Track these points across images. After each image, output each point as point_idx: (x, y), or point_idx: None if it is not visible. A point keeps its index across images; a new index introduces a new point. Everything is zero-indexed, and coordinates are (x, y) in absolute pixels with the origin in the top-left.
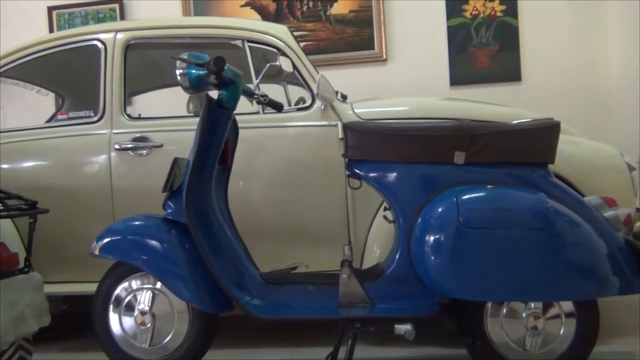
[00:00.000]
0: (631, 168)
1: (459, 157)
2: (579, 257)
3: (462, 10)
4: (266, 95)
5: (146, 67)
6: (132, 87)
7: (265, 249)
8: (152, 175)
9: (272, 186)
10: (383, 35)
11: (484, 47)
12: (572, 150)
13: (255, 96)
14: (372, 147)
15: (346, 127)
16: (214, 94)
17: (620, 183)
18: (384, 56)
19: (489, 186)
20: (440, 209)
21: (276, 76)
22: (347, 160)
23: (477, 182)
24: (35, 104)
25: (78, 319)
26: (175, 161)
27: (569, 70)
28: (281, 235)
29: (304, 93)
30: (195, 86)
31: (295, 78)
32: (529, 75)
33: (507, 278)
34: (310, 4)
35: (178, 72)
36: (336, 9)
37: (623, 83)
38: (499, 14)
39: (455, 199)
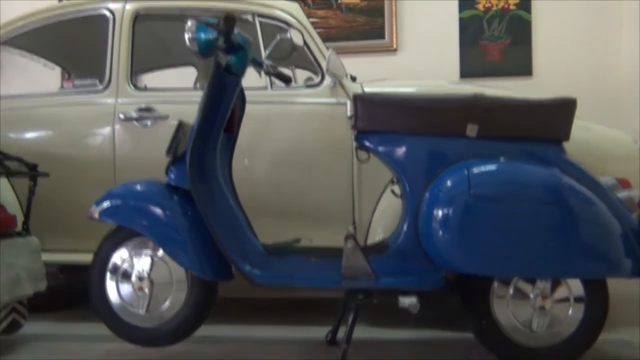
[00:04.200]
0: None
1: (472, 130)
2: (591, 235)
3: (475, 2)
4: (275, 66)
5: (155, 45)
6: (140, 65)
7: (269, 227)
8: (156, 146)
9: (278, 163)
10: (394, 24)
11: (496, 40)
12: (585, 135)
13: (264, 66)
14: (383, 118)
15: (356, 97)
16: None
17: (633, 170)
18: (395, 46)
19: (502, 159)
20: (450, 182)
21: (285, 56)
22: (355, 132)
23: (489, 156)
24: (41, 79)
25: (75, 291)
26: (180, 125)
27: (580, 66)
28: (285, 214)
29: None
30: (204, 50)
31: (303, 61)
32: (540, 70)
33: (516, 253)
34: None
35: (187, 36)
36: None
37: (635, 80)
38: (512, 7)
39: (466, 172)
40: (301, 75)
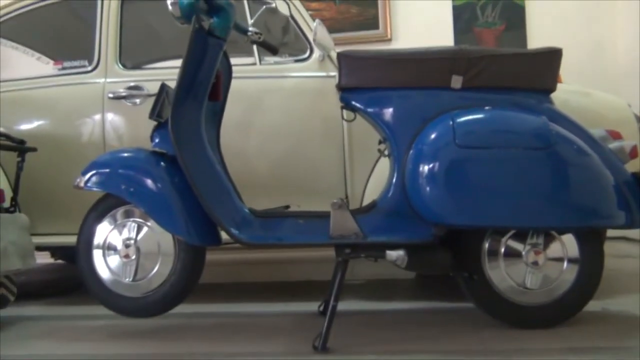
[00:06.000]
0: (639, 119)
1: (456, 82)
2: (583, 184)
3: None
4: (260, 33)
5: (147, 37)
6: (131, 60)
7: (260, 201)
8: (144, 124)
9: (269, 138)
10: (388, 15)
11: (490, 26)
12: (582, 101)
13: (249, 33)
14: (366, 74)
15: (340, 54)
16: None
17: (629, 134)
18: (389, 36)
19: (487, 107)
20: (436, 133)
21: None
22: (340, 91)
23: (475, 107)
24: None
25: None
26: (164, 87)
27: (576, 50)
28: (277, 188)
29: None
30: (186, 14)
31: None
32: None
33: (506, 202)
34: None
35: (169, 1)
36: None
37: (631, 62)
38: None
39: (451, 122)
40: None
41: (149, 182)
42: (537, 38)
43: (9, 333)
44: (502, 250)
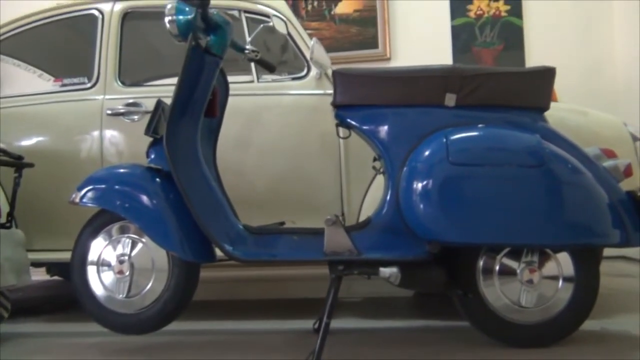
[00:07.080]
0: (635, 138)
1: (450, 100)
2: (577, 201)
3: (466, 10)
4: (257, 51)
5: (143, 56)
6: (130, 77)
7: (257, 218)
8: (142, 141)
9: (266, 155)
10: (387, 34)
11: (488, 46)
12: (578, 120)
13: (246, 51)
14: (361, 91)
15: (335, 72)
16: None
17: (625, 153)
18: (388, 55)
19: (480, 125)
20: (429, 151)
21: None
22: (335, 108)
23: (469, 125)
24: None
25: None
26: (160, 104)
27: (574, 70)
28: (274, 205)
29: None
30: (183, 32)
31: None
32: None
33: (499, 218)
34: (315, 3)
35: (167, 19)
36: (340, 9)
37: (630, 82)
38: (503, 13)
39: (444, 140)
40: None
41: (144, 198)
42: (536, 58)
43: (5, 349)
44: (497, 268)
